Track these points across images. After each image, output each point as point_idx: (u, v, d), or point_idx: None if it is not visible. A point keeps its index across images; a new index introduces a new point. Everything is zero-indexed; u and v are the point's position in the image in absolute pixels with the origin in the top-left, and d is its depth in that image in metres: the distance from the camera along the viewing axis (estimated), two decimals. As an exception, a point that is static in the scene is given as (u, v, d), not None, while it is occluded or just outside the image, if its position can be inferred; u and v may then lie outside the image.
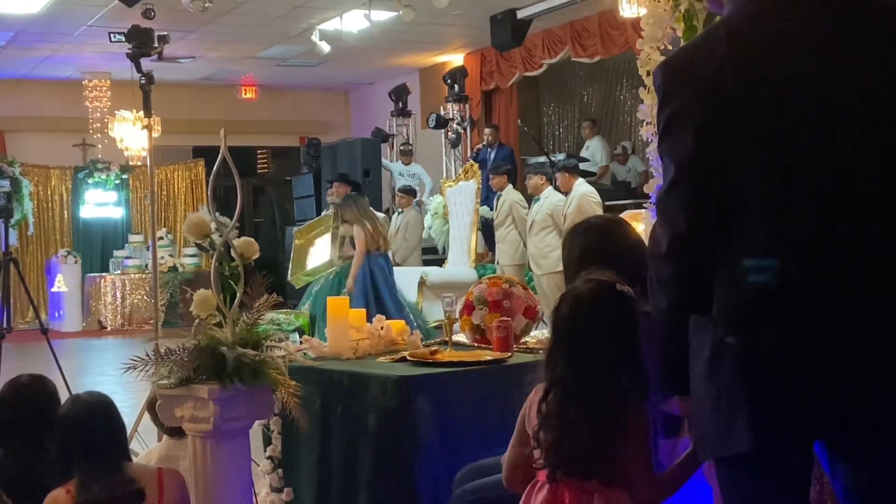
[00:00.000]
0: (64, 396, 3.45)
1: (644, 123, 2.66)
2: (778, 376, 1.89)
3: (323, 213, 9.87)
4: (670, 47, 2.62)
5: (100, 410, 3.05)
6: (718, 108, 1.95)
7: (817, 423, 1.92)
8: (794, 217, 1.93)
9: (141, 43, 5.51)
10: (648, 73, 2.61)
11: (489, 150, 13.09)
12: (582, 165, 11.11)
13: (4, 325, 6.29)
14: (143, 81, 5.54)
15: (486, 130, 13.49)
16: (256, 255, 3.37)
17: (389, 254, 9.34)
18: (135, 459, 3.64)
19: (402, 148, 14.59)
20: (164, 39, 5.55)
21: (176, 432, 3.48)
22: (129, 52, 5.54)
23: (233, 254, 3.31)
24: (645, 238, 2.61)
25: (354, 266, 8.74)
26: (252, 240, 3.42)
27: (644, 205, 2.78)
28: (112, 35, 5.74)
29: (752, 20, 1.99)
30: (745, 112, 1.94)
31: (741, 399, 1.91)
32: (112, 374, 9.58)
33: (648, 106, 2.61)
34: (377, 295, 8.66)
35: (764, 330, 1.91)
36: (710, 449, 2.03)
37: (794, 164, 1.93)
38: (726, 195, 1.96)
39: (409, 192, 12.57)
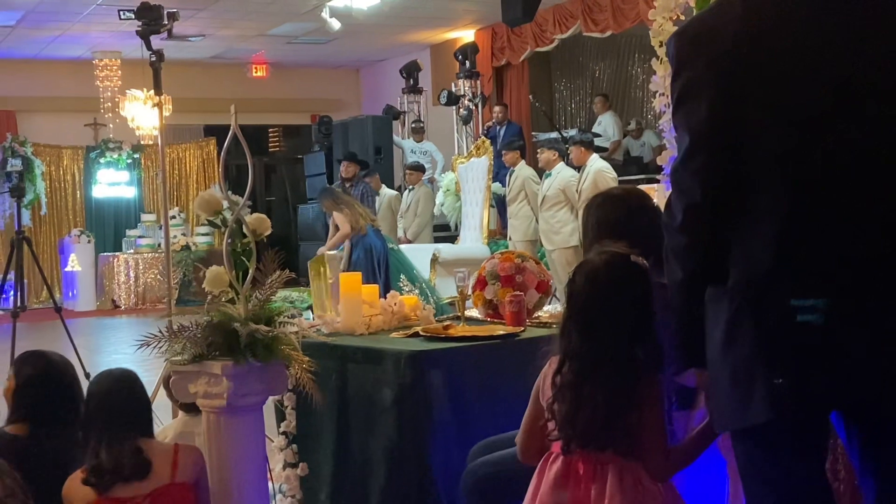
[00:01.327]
0: (79, 374, 3.46)
1: (657, 94, 2.64)
2: (795, 346, 1.88)
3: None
4: (683, 17, 2.59)
5: (121, 382, 3.07)
6: (733, 77, 1.93)
7: (835, 394, 1.91)
8: (809, 186, 1.91)
9: (151, 20, 5.50)
10: (661, 44, 2.58)
11: (498, 127, 13.06)
12: (594, 141, 11.07)
13: (19, 304, 6.31)
14: (153, 59, 5.53)
15: (496, 108, 13.46)
16: (269, 232, 3.36)
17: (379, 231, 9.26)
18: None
19: (413, 125, 14.56)
20: (173, 16, 5.54)
21: (192, 408, 3.49)
22: (139, 29, 5.53)
23: (245, 230, 3.31)
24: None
25: (332, 241, 8.78)
26: (264, 216, 3.41)
27: (657, 178, 2.75)
28: (122, 12, 5.73)
29: None
30: (760, 81, 1.92)
31: (758, 370, 1.91)
32: (126, 353, 9.63)
33: (661, 77, 2.58)
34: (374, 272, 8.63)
35: (780, 299, 1.90)
36: (727, 420, 2.02)
37: (809, 134, 1.91)
38: (741, 164, 1.95)
39: (418, 168, 12.55)
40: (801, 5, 1.95)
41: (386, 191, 12.58)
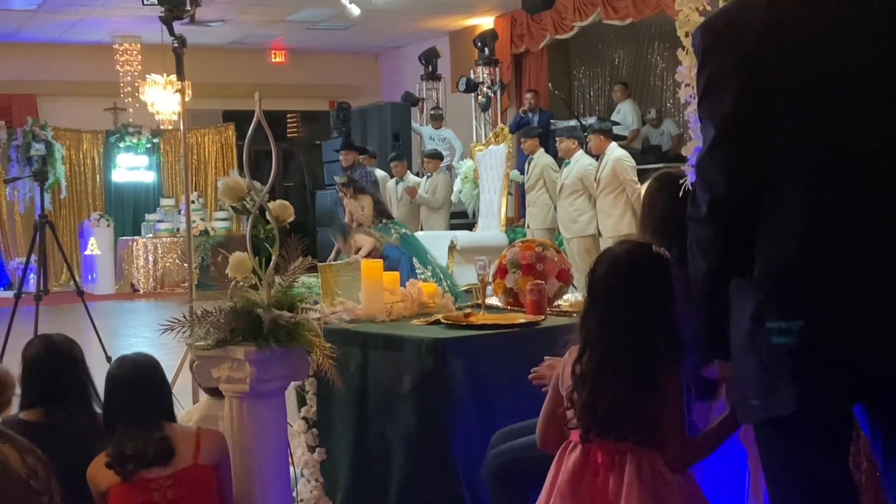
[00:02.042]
0: (100, 357, 3.48)
1: (683, 85, 2.63)
2: (819, 339, 1.89)
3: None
4: (709, 8, 2.59)
5: (146, 371, 3.10)
6: (758, 69, 1.93)
7: (859, 386, 1.91)
8: (835, 180, 1.91)
9: (173, 6, 5.50)
10: (687, 35, 2.58)
11: (531, 115, 13.04)
12: (613, 129, 11.04)
13: (41, 288, 6.36)
14: (175, 45, 5.54)
15: (527, 95, 13.43)
16: (291, 218, 3.37)
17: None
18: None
19: (432, 112, 14.55)
20: (196, 2, 5.55)
21: (216, 392, 3.52)
22: (162, 14, 5.54)
23: (268, 217, 3.32)
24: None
25: (352, 258, 8.76)
26: (287, 202, 3.43)
27: (676, 167, 2.74)
28: (144, -1, 5.74)
29: None
30: (785, 74, 1.92)
31: (784, 361, 1.91)
32: (146, 337, 9.70)
33: (687, 67, 2.57)
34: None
35: (806, 291, 1.90)
36: (752, 412, 2.03)
37: (834, 128, 1.92)
38: (766, 157, 1.95)
39: (436, 155, 12.55)
40: (826, 0, 1.95)
41: (410, 177, 12.55)
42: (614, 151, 9.44)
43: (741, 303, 1.99)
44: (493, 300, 4.19)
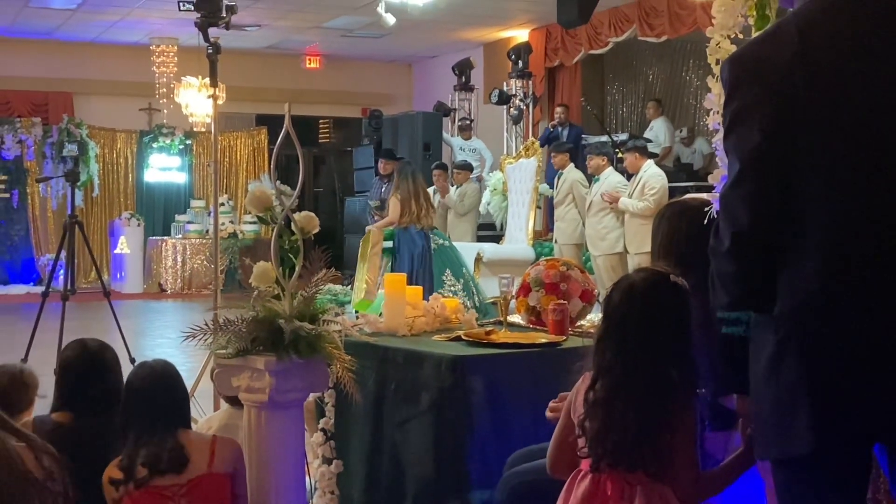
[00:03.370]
0: (124, 359, 3.51)
1: (711, 112, 2.62)
2: (841, 377, 1.87)
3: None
4: (741, 36, 2.57)
5: (162, 378, 3.11)
6: (786, 105, 1.92)
7: (879, 425, 1.89)
8: (860, 217, 1.90)
9: (210, 12, 5.54)
10: (717, 62, 2.56)
11: (560, 129, 13.01)
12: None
13: (69, 287, 6.41)
14: (210, 51, 5.58)
15: (557, 110, 13.42)
16: (316, 230, 3.39)
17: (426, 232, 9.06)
18: (195, 426, 3.72)
19: (460, 123, 14.56)
20: (232, 10, 5.58)
21: (236, 401, 3.53)
22: (198, 21, 5.58)
23: (293, 227, 3.34)
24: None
25: (380, 223, 8.75)
26: (312, 214, 3.44)
27: (713, 191, 2.71)
28: (181, 3, 5.78)
29: (826, 15, 1.95)
30: (814, 111, 1.91)
31: (803, 399, 1.90)
32: (171, 338, 9.75)
33: (716, 95, 2.56)
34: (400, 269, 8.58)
35: (827, 330, 1.89)
36: (769, 449, 2.01)
37: (862, 165, 1.90)
38: (791, 193, 1.93)
39: (466, 167, 12.55)
40: (860, 33, 1.93)
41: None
42: (650, 169, 9.39)
43: (761, 339, 1.98)
44: (516, 317, 4.18)
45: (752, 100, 1.96)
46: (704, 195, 2.71)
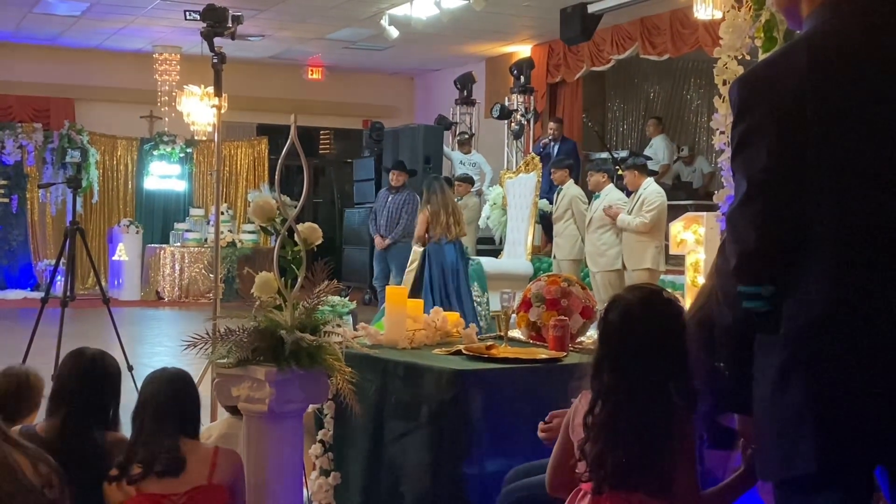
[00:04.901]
0: (122, 366, 3.50)
1: (717, 133, 2.63)
2: (846, 399, 1.87)
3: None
4: (748, 57, 2.58)
5: (171, 383, 3.13)
6: (795, 127, 1.92)
7: (882, 448, 1.89)
8: (867, 239, 1.90)
9: (215, 22, 5.55)
10: (725, 83, 2.57)
11: (553, 144, 13.03)
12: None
13: (68, 294, 6.41)
14: (215, 61, 5.59)
15: (551, 125, 13.44)
16: (319, 241, 3.39)
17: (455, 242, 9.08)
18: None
19: (459, 137, 14.57)
20: (237, 20, 5.60)
21: (236, 411, 3.53)
22: (203, 30, 5.59)
23: (296, 238, 3.34)
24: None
25: (416, 242, 8.83)
26: (315, 225, 3.44)
27: (706, 204, 2.71)
28: (187, 13, 5.80)
29: (835, 38, 1.96)
30: (823, 134, 1.91)
31: (807, 420, 1.89)
32: (169, 346, 9.73)
33: (723, 115, 2.57)
34: (431, 283, 8.63)
35: (832, 351, 1.89)
36: (772, 470, 2.00)
37: (870, 188, 1.90)
38: (798, 214, 1.94)
39: (467, 180, 12.56)
40: (870, 55, 1.94)
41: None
42: (649, 186, 9.42)
43: (765, 359, 1.98)
44: (516, 333, 4.18)
45: (761, 121, 1.96)
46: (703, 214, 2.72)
